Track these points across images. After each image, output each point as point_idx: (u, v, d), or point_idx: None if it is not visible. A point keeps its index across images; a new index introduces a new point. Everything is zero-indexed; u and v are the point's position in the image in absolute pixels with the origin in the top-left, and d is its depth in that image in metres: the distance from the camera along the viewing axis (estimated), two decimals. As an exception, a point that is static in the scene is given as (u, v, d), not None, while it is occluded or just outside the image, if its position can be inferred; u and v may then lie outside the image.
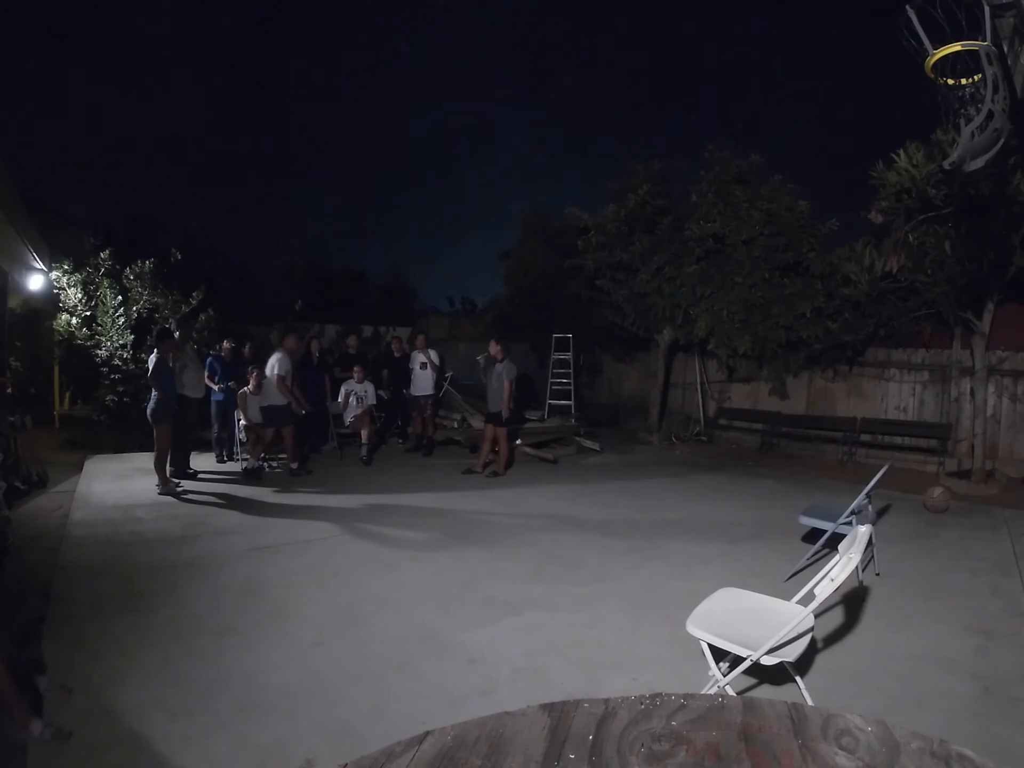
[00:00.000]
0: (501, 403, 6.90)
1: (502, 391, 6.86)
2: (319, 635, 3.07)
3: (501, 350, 6.98)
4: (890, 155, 6.42)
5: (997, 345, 7.33)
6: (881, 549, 4.14)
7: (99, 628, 3.09)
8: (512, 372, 6.95)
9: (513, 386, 6.97)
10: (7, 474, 5.29)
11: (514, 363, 7.14)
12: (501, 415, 6.94)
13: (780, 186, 8.03)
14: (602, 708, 1.05)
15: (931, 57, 2.57)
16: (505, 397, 6.85)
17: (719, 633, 2.20)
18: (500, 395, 6.90)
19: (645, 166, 9.13)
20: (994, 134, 2.54)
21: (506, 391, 6.84)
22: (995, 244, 6.33)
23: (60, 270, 8.12)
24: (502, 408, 6.90)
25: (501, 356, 6.97)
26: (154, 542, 4.45)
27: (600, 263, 8.95)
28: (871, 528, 2.57)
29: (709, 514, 5.61)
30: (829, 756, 0.91)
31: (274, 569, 3.98)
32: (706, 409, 10.49)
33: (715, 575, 3.84)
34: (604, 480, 7.06)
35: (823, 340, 7.99)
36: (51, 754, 2.13)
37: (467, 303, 20.26)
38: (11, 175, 5.37)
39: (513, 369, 6.99)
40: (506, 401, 6.86)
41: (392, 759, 0.94)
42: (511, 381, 6.91)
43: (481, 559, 4.26)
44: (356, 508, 5.53)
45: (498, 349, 6.98)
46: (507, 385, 6.85)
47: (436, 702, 2.49)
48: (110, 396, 8.00)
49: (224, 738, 2.24)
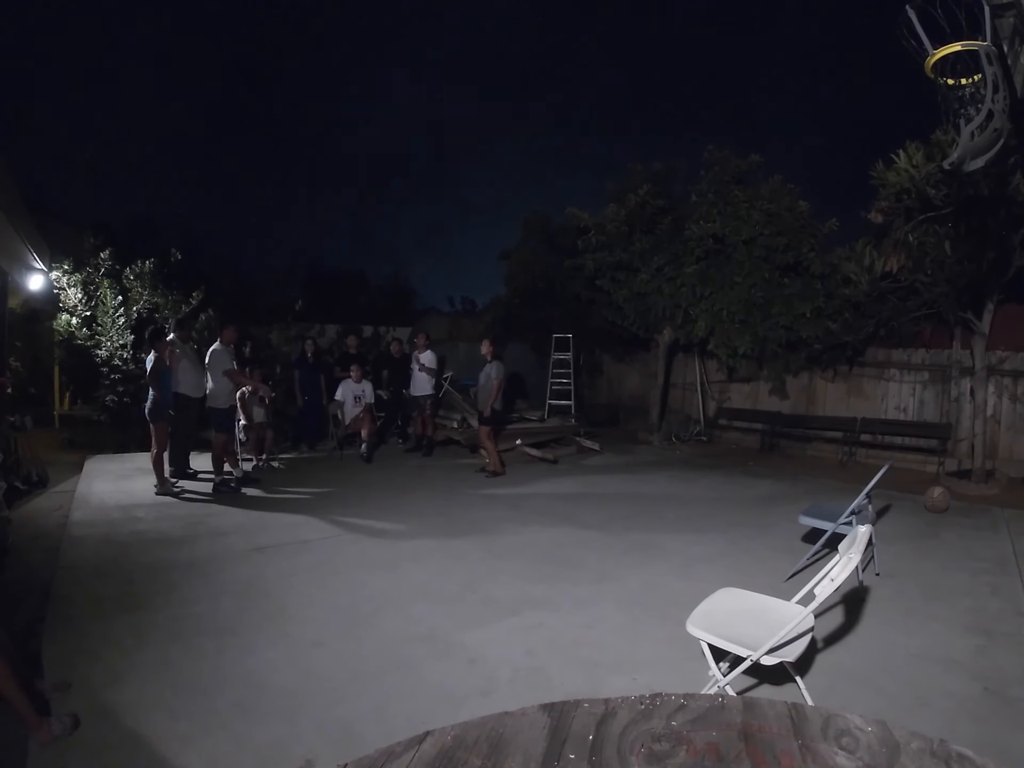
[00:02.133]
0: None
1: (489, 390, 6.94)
2: (319, 635, 3.06)
3: (492, 350, 7.04)
4: (890, 155, 6.41)
5: (997, 345, 7.33)
6: (881, 549, 4.13)
7: (99, 628, 3.09)
8: (500, 371, 6.99)
9: (501, 385, 7.02)
10: (7, 474, 5.30)
11: (504, 363, 7.17)
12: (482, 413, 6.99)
13: (780, 186, 8.02)
14: (602, 708, 1.05)
15: (931, 57, 2.57)
16: (492, 396, 6.93)
17: (719, 633, 2.20)
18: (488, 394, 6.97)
19: (645, 166, 9.12)
20: (994, 134, 2.54)
21: (494, 390, 6.90)
22: (995, 244, 6.33)
23: (60, 270, 8.12)
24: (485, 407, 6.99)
25: (492, 356, 7.01)
26: (154, 542, 4.45)
27: (600, 263, 8.94)
28: (871, 528, 2.57)
29: (709, 514, 5.61)
30: (829, 756, 0.91)
31: (274, 569, 3.98)
32: (706, 409, 10.49)
33: (715, 575, 3.84)
34: (604, 480, 7.06)
35: (823, 340, 7.99)
36: (51, 754, 2.13)
37: (467, 303, 20.28)
38: (11, 175, 5.37)
39: (502, 368, 7.03)
40: (491, 399, 6.93)
41: (392, 759, 0.94)
42: (499, 380, 6.97)
43: (481, 559, 4.25)
44: (356, 508, 5.53)
45: (490, 349, 7.03)
46: (495, 384, 6.90)
47: (436, 702, 2.49)
48: (110, 396, 8.00)
49: (224, 738, 2.24)
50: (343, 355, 9.02)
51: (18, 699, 2.14)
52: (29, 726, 2.16)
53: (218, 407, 6.08)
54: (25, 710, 2.16)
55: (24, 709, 2.15)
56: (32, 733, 2.17)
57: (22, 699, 2.15)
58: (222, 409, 6.09)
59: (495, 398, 6.94)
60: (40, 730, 2.17)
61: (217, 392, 6.07)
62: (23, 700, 2.16)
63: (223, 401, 6.09)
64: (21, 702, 2.15)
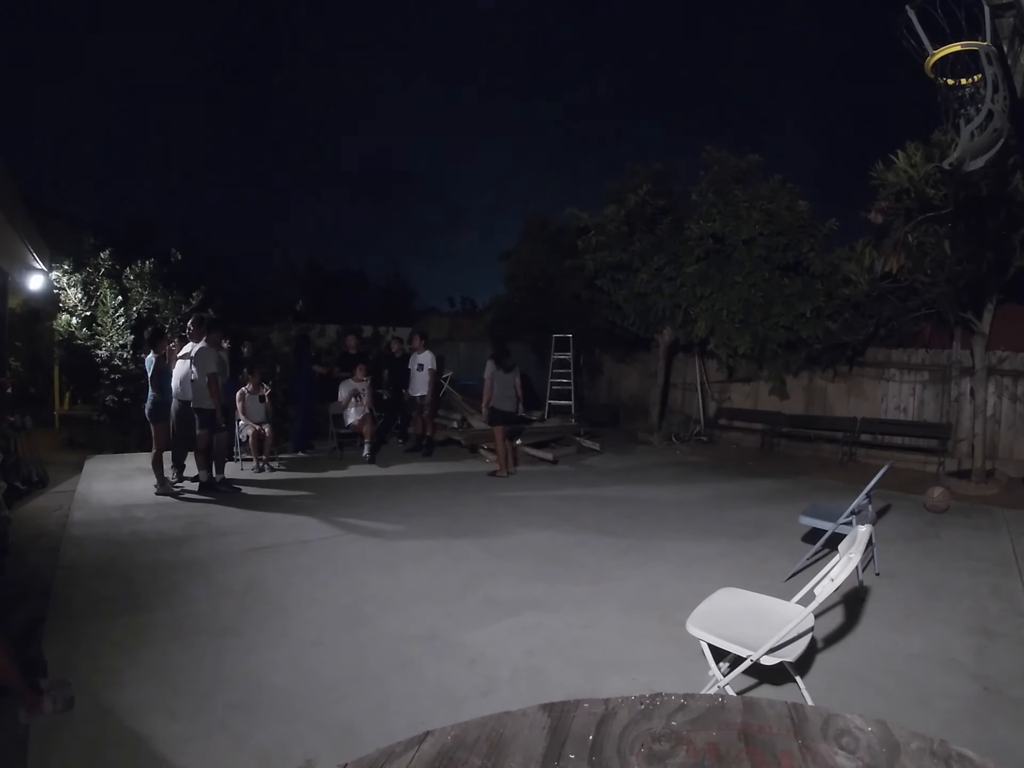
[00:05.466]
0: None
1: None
2: (319, 635, 3.06)
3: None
4: (889, 156, 6.41)
5: (997, 345, 7.33)
6: (881, 549, 4.13)
7: (99, 628, 3.08)
8: (488, 370, 7.09)
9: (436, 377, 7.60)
10: (7, 474, 5.29)
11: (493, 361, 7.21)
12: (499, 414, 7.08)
13: (780, 186, 8.03)
14: (602, 708, 1.05)
15: (931, 57, 2.57)
16: (484, 396, 7.09)
17: (719, 633, 2.20)
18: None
19: (645, 166, 9.13)
20: (994, 134, 2.54)
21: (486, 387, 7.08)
22: (995, 244, 6.33)
23: (60, 270, 8.11)
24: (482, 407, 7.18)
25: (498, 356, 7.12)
26: (154, 542, 4.45)
27: (600, 263, 8.94)
28: (871, 528, 2.57)
29: (709, 514, 5.61)
30: (829, 756, 0.91)
31: (274, 569, 3.98)
32: (706, 409, 10.49)
33: (715, 575, 3.84)
34: (604, 480, 7.06)
35: (823, 340, 7.99)
36: (51, 754, 2.13)
37: (467, 303, 20.27)
38: (11, 175, 5.37)
39: (490, 366, 7.12)
40: (484, 400, 7.11)
41: (392, 759, 0.94)
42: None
43: (481, 559, 4.25)
44: (356, 508, 5.53)
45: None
46: (488, 382, 7.07)
47: (436, 702, 2.49)
48: (110, 396, 8.00)
49: (224, 738, 2.24)
50: (343, 355, 9.01)
51: (10, 673, 2.23)
52: (24, 702, 2.25)
53: (204, 407, 5.94)
54: (18, 684, 2.24)
55: (17, 683, 2.24)
56: (25, 708, 2.25)
57: (15, 673, 2.24)
58: (208, 410, 5.95)
59: (488, 398, 7.05)
60: (33, 706, 2.25)
61: (202, 394, 5.94)
62: (16, 674, 2.24)
63: (209, 402, 5.94)
64: (14, 676, 2.23)
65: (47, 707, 2.27)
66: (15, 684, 2.24)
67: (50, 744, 2.17)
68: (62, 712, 2.30)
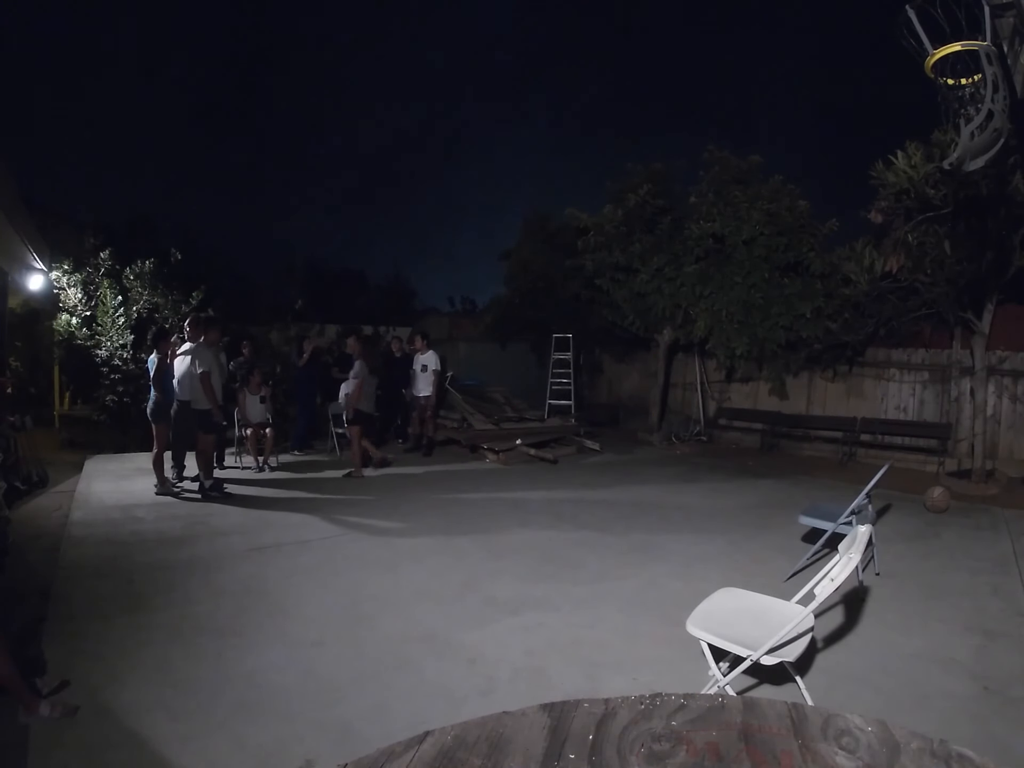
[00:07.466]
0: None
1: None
2: (319, 635, 3.06)
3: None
4: (889, 156, 6.41)
5: (997, 345, 7.34)
6: (881, 549, 4.14)
7: (99, 628, 3.09)
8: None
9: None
10: (7, 474, 5.29)
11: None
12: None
13: (780, 186, 8.02)
14: (602, 708, 1.05)
15: (931, 57, 2.57)
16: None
17: (719, 633, 2.20)
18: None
19: (645, 166, 9.13)
20: (994, 134, 2.54)
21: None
22: (994, 244, 6.33)
23: (60, 270, 8.12)
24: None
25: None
26: (154, 542, 4.45)
27: (600, 263, 8.95)
28: (871, 528, 2.57)
29: (709, 514, 5.61)
30: (829, 756, 0.91)
31: (274, 569, 3.98)
32: (706, 409, 10.49)
33: (715, 575, 3.84)
34: (604, 480, 7.06)
35: (823, 340, 7.99)
36: (51, 754, 2.13)
37: (467, 303, 20.26)
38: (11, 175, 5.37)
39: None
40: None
41: (392, 759, 0.94)
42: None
43: (481, 559, 4.25)
44: (356, 508, 5.53)
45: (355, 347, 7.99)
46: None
47: (436, 702, 2.49)
48: (110, 396, 8.00)
49: (224, 738, 2.24)
50: (343, 355, 9.00)
51: (9, 675, 2.23)
52: (22, 702, 2.27)
53: (202, 408, 5.87)
54: (17, 686, 2.25)
55: (15, 685, 2.25)
56: (24, 708, 2.27)
57: (13, 676, 2.24)
58: (207, 410, 5.88)
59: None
60: (31, 709, 2.27)
61: (200, 394, 5.86)
62: (15, 675, 2.25)
63: (206, 403, 5.86)
64: (13, 677, 2.24)
65: (44, 711, 2.27)
66: (13, 685, 2.24)
67: (50, 744, 2.18)
68: (59, 718, 2.29)
